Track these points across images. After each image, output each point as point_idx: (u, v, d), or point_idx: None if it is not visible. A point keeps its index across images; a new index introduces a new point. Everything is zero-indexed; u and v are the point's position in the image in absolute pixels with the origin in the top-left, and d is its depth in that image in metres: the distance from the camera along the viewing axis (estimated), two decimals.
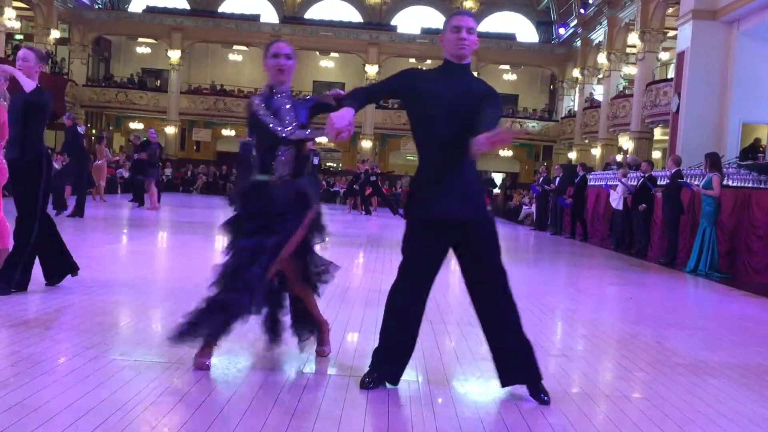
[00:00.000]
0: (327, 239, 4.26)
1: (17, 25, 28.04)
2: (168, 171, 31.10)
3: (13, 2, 26.65)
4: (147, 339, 4.65)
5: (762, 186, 11.14)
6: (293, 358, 4.29)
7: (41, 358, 3.85)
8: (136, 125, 33.49)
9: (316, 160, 19.56)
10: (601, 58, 27.54)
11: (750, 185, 11.42)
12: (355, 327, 5.40)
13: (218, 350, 4.31)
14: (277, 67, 4.01)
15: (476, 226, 3.69)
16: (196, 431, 2.97)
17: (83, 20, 32.36)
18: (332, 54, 34.54)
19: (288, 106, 4.00)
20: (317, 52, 34.50)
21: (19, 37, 29.98)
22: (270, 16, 34.72)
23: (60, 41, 31.12)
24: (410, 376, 4.06)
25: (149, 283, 7.13)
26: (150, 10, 34.02)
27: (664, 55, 25.43)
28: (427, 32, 33.34)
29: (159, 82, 34.44)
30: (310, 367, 4.10)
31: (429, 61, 33.68)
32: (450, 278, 9.46)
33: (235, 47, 34.43)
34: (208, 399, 3.39)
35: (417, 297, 3.77)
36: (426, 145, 3.75)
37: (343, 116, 3.43)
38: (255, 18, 33.71)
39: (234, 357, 4.24)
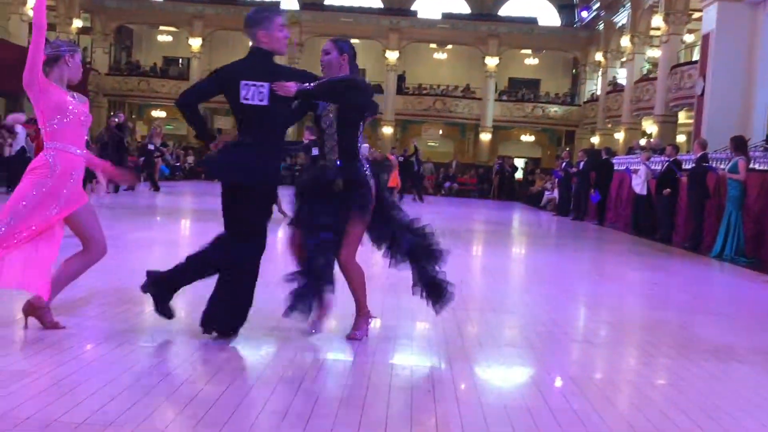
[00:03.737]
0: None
1: None
2: (190, 159, 31.28)
3: None
4: (174, 325, 4.69)
5: None
6: (316, 344, 4.31)
7: (68, 344, 3.89)
8: (158, 113, 33.67)
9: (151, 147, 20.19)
10: (625, 41, 27.20)
11: None
12: (375, 312, 5.39)
13: (241, 336, 4.34)
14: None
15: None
16: (221, 417, 2.99)
17: (105, 9, 32.50)
18: (353, 40, 34.30)
19: None
20: None
21: None
22: (290, 2, 34.64)
23: (82, 30, 31.32)
24: (433, 362, 4.06)
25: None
26: None
27: (688, 38, 25.05)
28: (448, 17, 33.07)
29: (180, 69, 34.54)
30: (333, 354, 4.11)
31: (450, 46, 33.51)
32: (472, 264, 9.44)
33: None
34: (234, 384, 3.41)
35: None
36: None
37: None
38: (275, 5, 33.65)
39: (257, 342, 4.26)
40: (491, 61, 31.88)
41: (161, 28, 34.76)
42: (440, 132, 34.62)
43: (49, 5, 23.48)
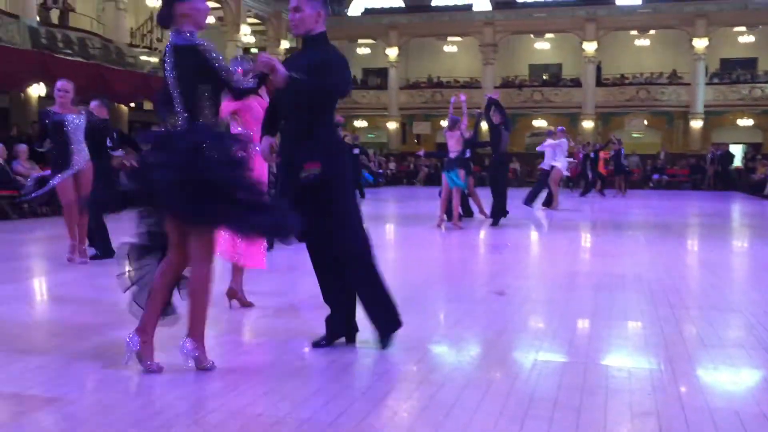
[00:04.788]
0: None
1: (252, 39, 30.61)
2: (392, 165, 32.22)
3: (247, 19, 29.06)
4: None
5: None
6: (523, 345, 4.25)
7: (291, 346, 4.13)
8: (360, 123, 35.00)
9: (356, 151, 19.80)
10: None
11: None
12: (586, 312, 5.23)
13: (449, 339, 4.37)
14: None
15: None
16: (436, 417, 3.03)
17: None
18: (547, 35, 33.69)
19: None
20: (532, 35, 33.83)
21: (254, 50, 32.65)
22: (482, 3, 34.63)
23: (289, 50, 33.38)
24: (651, 364, 3.85)
25: None
26: (368, 12, 35.38)
27: None
28: (650, 0, 31.34)
29: (379, 80, 35.71)
30: (543, 355, 4.03)
31: (652, 32, 31.78)
32: (689, 259, 8.87)
33: (449, 39, 34.73)
34: (446, 386, 3.44)
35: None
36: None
37: (263, 150, 3.98)
38: (467, 8, 33.77)
39: (465, 344, 4.28)
40: (700, 43, 29.80)
41: (359, 41, 36.13)
42: (645, 122, 32.87)
43: (258, 30, 25.21)
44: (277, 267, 6.77)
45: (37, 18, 19.44)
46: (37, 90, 18.38)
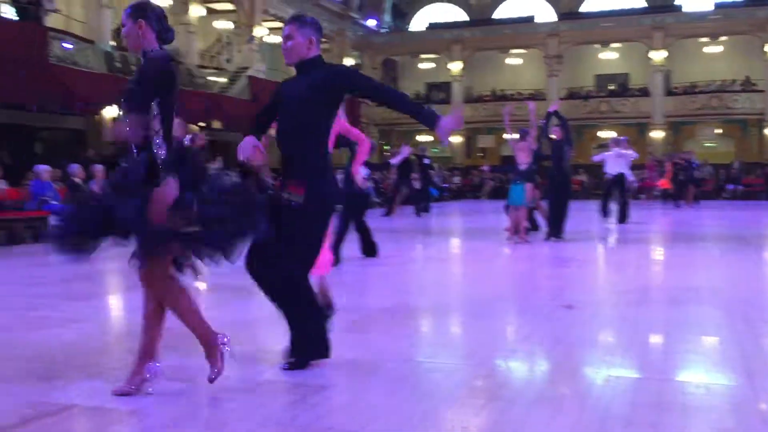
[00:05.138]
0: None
1: None
2: (456, 179, 32.13)
3: None
4: (450, 342, 4.82)
5: None
6: (594, 361, 4.16)
7: (362, 362, 4.15)
8: (422, 138, 35.07)
9: (426, 161, 20.41)
10: None
11: None
12: (659, 327, 5.10)
13: (520, 352, 4.32)
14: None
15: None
16: None
17: (372, 45, 34.70)
18: (613, 45, 33.15)
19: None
20: (597, 45, 33.34)
21: None
22: (546, 14, 34.34)
23: (353, 67, 33.81)
24: (730, 380, 3.73)
25: (445, 288, 7.40)
26: (431, 27, 35.52)
27: None
28: (720, 6, 30.53)
29: (443, 94, 35.74)
30: (614, 371, 3.94)
31: (724, 38, 30.94)
32: (766, 272, 8.56)
33: (512, 51, 34.57)
34: (517, 401, 3.40)
35: None
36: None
37: (244, 147, 3.81)
38: (530, 19, 33.55)
39: (536, 359, 4.23)
40: None
41: (422, 56, 36.28)
42: (719, 131, 31.94)
43: (323, 48, 25.55)
44: (343, 283, 6.82)
45: (112, 42, 20.16)
46: (111, 112, 19.04)
